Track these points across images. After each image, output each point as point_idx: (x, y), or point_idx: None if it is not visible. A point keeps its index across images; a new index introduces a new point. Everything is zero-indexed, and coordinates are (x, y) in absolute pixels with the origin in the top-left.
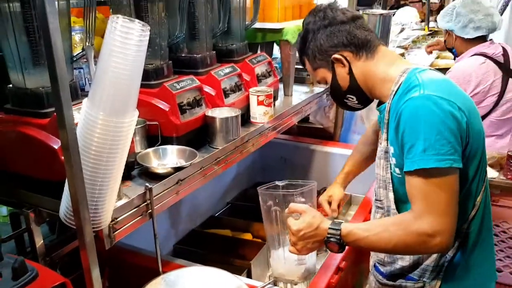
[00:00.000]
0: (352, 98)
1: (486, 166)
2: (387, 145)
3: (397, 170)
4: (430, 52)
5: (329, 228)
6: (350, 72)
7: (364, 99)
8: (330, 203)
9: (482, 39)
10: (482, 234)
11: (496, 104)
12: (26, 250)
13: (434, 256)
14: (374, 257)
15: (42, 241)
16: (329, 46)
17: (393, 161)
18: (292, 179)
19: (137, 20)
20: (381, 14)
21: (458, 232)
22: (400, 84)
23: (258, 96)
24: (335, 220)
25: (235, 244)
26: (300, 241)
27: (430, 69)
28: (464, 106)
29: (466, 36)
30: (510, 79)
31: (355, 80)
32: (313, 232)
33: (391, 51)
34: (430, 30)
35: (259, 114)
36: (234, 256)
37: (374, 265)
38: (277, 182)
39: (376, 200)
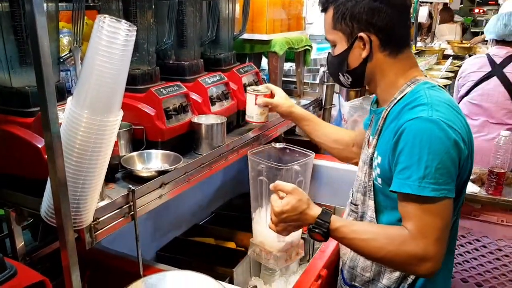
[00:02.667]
0: (348, 78)
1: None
2: (374, 153)
3: (379, 180)
4: None
5: (318, 218)
6: (366, 58)
7: (359, 84)
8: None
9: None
10: (445, 257)
11: (471, 89)
12: (8, 255)
13: (395, 277)
14: (341, 260)
15: (22, 241)
16: (366, 20)
17: (377, 170)
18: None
19: (123, 21)
20: None
21: None
22: (405, 94)
23: (256, 95)
24: (324, 208)
25: (218, 252)
26: (281, 223)
27: (439, 86)
28: (467, 137)
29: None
30: (495, 77)
31: (365, 67)
32: (297, 217)
33: (413, 57)
34: (417, 50)
35: (256, 114)
36: (216, 263)
37: (341, 268)
38: (272, 144)
39: (351, 203)
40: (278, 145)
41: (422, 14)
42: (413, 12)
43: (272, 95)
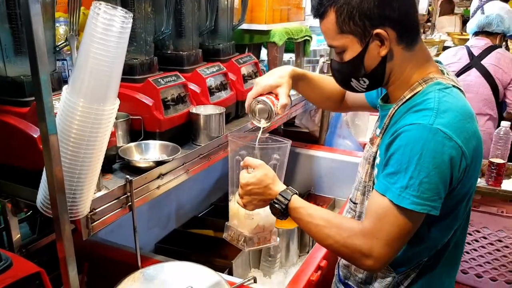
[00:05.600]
0: (364, 82)
1: (471, 205)
2: (377, 152)
3: (375, 180)
4: None
5: (279, 194)
6: (385, 56)
7: (376, 86)
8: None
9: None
10: (444, 266)
11: None
12: (5, 246)
13: (386, 283)
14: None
15: (18, 233)
16: (378, 14)
17: (375, 171)
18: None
19: (119, 8)
20: None
21: (417, 263)
22: (415, 94)
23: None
24: (289, 188)
25: (217, 244)
26: (246, 196)
27: (455, 86)
28: (470, 150)
29: None
30: (474, 68)
31: (384, 66)
32: (261, 190)
33: (426, 48)
34: None
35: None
36: (216, 255)
37: (337, 264)
38: (256, 134)
39: (350, 200)
40: (261, 135)
41: (422, 6)
42: None
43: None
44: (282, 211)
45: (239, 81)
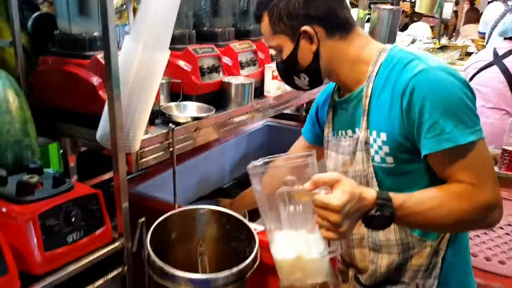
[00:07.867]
0: (305, 78)
1: None
2: (368, 134)
3: (388, 159)
4: None
5: (378, 199)
6: (317, 51)
7: (318, 81)
8: None
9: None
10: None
11: (474, 75)
12: None
13: (425, 255)
14: (353, 270)
15: (75, 171)
16: (303, 14)
17: (384, 149)
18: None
19: None
20: (391, 9)
21: None
22: (380, 64)
23: (273, 71)
24: (370, 188)
25: None
26: (346, 219)
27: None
28: None
29: None
30: (495, 65)
31: (318, 60)
32: (357, 205)
33: (364, 33)
34: (441, 45)
35: (273, 88)
36: None
37: (354, 276)
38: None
39: None
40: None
41: (447, 11)
42: (438, 8)
43: None
44: (390, 217)
45: (267, 59)
